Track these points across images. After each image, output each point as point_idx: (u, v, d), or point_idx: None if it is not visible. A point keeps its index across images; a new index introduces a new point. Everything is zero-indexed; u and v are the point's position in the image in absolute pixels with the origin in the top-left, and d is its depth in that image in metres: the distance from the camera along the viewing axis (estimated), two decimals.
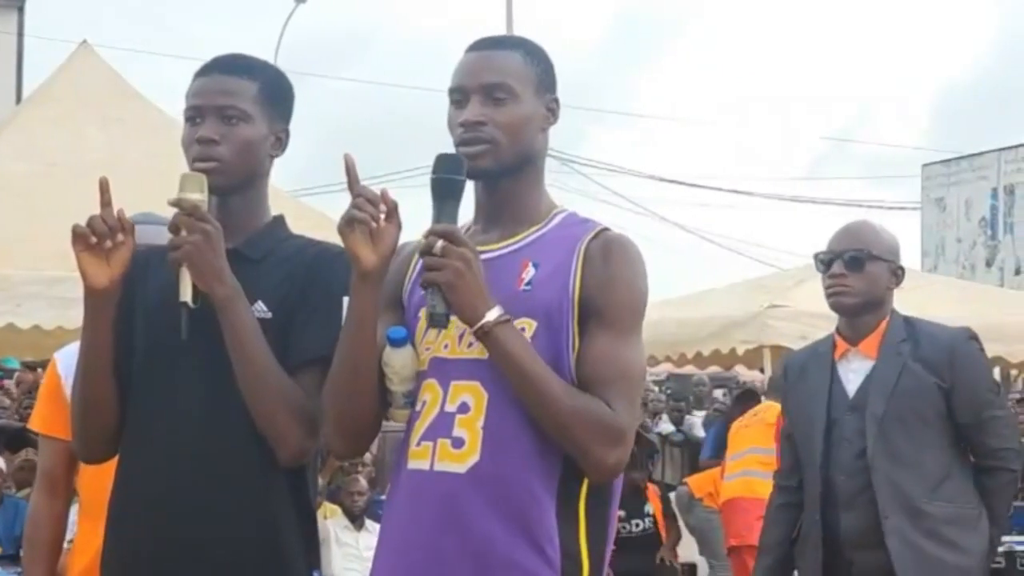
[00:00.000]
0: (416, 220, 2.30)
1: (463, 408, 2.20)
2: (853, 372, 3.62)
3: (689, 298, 11.35)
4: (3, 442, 8.98)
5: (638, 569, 8.41)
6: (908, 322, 3.63)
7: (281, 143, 2.48)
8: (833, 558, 3.56)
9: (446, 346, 2.24)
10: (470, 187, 2.27)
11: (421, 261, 2.18)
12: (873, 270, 3.60)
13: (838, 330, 3.70)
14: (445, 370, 2.23)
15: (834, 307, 3.67)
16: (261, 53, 2.61)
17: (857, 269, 3.59)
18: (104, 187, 2.30)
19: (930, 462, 3.52)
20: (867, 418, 3.51)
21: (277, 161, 2.50)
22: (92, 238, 2.28)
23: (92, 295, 2.32)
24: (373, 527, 7.31)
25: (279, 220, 2.51)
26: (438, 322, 2.16)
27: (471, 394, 2.20)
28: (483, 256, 2.21)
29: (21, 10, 23.46)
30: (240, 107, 2.39)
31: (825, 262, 3.66)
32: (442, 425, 2.21)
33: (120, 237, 2.29)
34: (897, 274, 3.66)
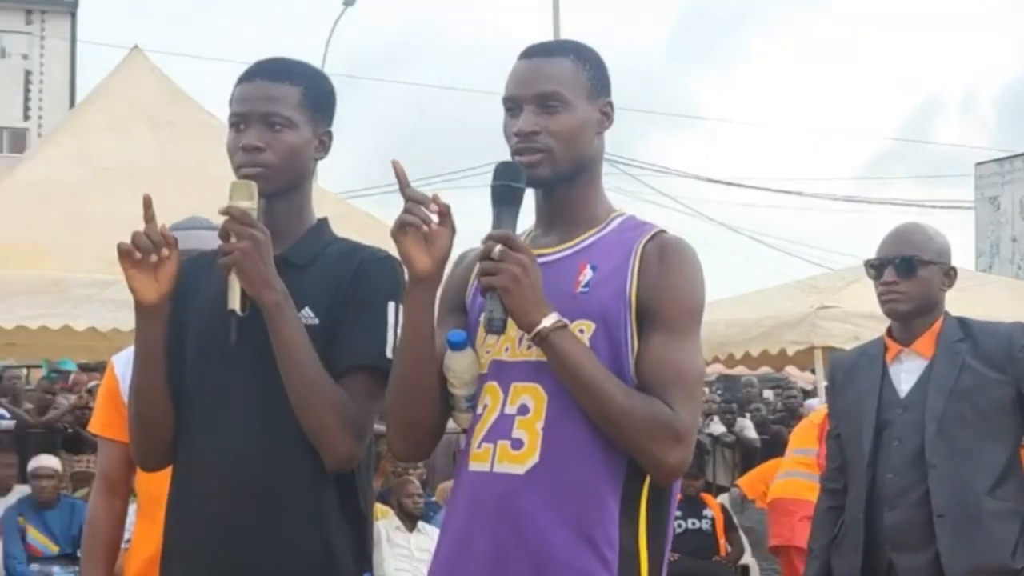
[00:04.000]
0: (469, 221, 2.30)
1: (523, 410, 2.20)
2: (906, 372, 3.57)
3: (739, 299, 11.29)
4: (61, 443, 9.08)
5: (692, 566, 8.39)
6: (962, 322, 3.59)
7: (324, 146, 2.48)
8: (871, 559, 3.52)
9: (507, 349, 2.25)
10: (530, 194, 2.27)
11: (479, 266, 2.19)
12: (925, 274, 3.55)
13: (889, 332, 3.65)
14: (505, 372, 2.24)
15: (888, 314, 3.62)
16: (310, 56, 2.62)
17: (909, 275, 3.54)
18: (147, 203, 2.31)
19: (992, 457, 3.47)
20: (926, 416, 3.46)
21: (331, 164, 2.51)
22: (137, 254, 2.29)
23: (142, 310, 2.33)
24: (425, 528, 7.33)
25: (323, 223, 2.50)
26: (495, 327, 2.17)
27: (531, 396, 2.20)
28: (542, 259, 2.22)
29: (74, 15, 23.71)
30: (284, 114, 2.39)
31: (876, 268, 3.61)
32: (502, 427, 2.21)
33: (165, 252, 2.31)
34: (950, 275, 3.61)
